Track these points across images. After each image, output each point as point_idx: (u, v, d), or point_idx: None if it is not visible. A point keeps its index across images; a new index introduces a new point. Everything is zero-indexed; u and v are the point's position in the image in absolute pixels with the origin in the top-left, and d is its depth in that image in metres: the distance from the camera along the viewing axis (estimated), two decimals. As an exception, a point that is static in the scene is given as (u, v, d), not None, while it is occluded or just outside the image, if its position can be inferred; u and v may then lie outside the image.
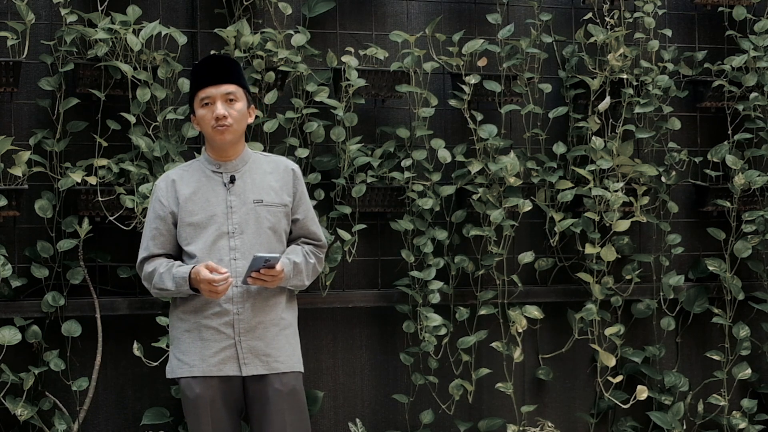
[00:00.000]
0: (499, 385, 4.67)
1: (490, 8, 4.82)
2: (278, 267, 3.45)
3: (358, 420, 4.64)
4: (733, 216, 4.91)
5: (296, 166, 3.68)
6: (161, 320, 4.26)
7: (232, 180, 3.57)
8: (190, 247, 3.54)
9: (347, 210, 4.46)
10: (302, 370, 3.63)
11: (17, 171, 4.12)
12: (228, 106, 3.52)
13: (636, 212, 4.75)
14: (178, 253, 3.62)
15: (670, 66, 4.85)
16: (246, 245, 3.53)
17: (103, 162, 4.25)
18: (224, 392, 3.52)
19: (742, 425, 4.90)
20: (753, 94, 4.85)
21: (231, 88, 3.53)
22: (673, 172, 4.88)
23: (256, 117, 4.29)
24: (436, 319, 4.49)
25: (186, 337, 3.55)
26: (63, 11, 4.18)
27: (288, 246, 3.66)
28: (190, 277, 3.46)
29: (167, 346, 4.27)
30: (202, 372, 3.50)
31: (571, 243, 4.87)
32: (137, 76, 4.22)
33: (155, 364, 4.30)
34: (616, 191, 4.63)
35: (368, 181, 4.50)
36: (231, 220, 3.54)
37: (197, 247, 3.52)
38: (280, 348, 3.55)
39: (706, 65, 4.97)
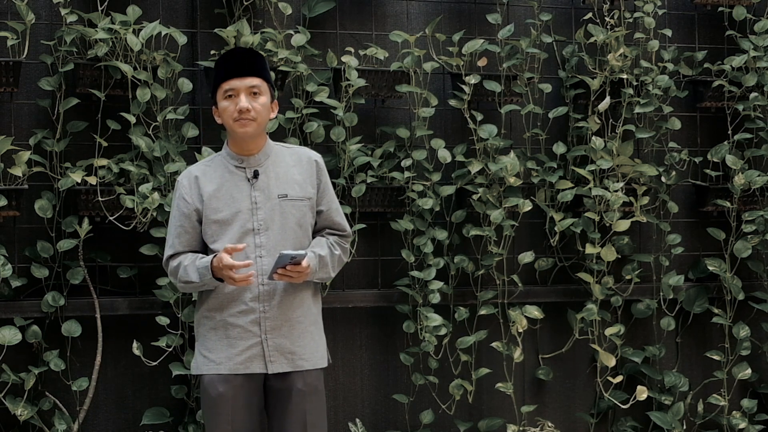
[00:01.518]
0: (499, 385, 4.67)
1: (490, 8, 4.82)
2: (304, 263, 3.42)
3: (358, 420, 4.64)
4: (733, 216, 4.91)
5: (319, 157, 3.65)
6: (161, 320, 4.26)
7: (256, 175, 3.54)
8: (216, 245, 3.51)
9: (347, 210, 4.45)
10: (326, 364, 3.63)
11: (17, 171, 4.12)
12: (252, 99, 3.48)
13: (636, 212, 4.75)
14: (204, 250, 3.58)
15: (670, 66, 4.85)
16: (272, 242, 3.50)
17: (103, 162, 4.25)
18: (247, 390, 3.51)
19: (742, 425, 4.90)
20: (753, 94, 4.85)
21: (255, 81, 3.49)
22: (673, 172, 4.88)
23: None
24: (436, 319, 4.49)
25: (212, 335, 3.54)
26: (63, 11, 4.18)
27: (313, 237, 3.64)
28: (213, 267, 3.43)
29: (167, 346, 4.27)
30: (229, 370, 3.49)
31: (571, 243, 4.87)
32: (137, 76, 4.22)
33: (155, 363, 4.31)
34: (616, 191, 4.63)
35: (368, 181, 4.50)
36: (256, 216, 3.51)
37: (223, 245, 3.48)
38: (304, 345, 3.55)
39: (706, 65, 4.97)
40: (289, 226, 3.53)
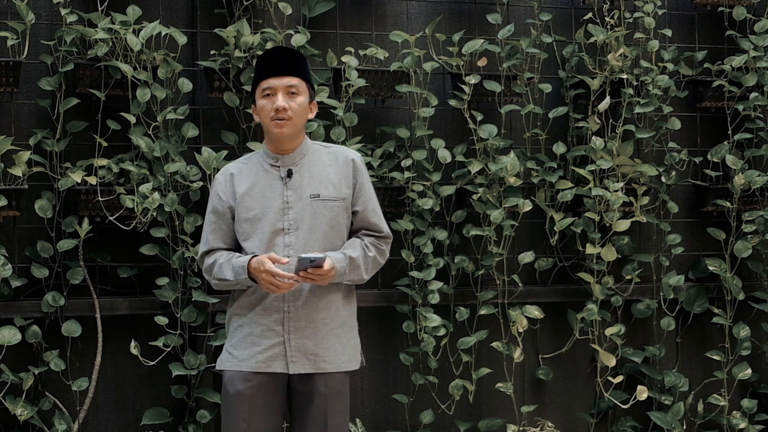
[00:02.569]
0: (499, 385, 4.67)
1: (490, 8, 4.82)
2: (326, 266, 3.39)
3: (358, 420, 4.64)
4: (733, 216, 4.91)
5: (357, 156, 3.61)
6: (160, 320, 4.26)
7: (289, 174, 3.52)
8: (247, 244, 3.51)
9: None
10: (354, 367, 3.58)
11: (17, 171, 4.12)
12: (289, 99, 3.47)
13: (636, 212, 4.75)
14: (238, 247, 3.58)
15: (670, 66, 4.85)
16: (300, 242, 3.47)
17: (103, 162, 4.25)
18: (268, 390, 3.49)
19: (742, 425, 4.90)
20: (753, 94, 4.85)
21: (294, 81, 3.48)
22: (673, 172, 4.88)
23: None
24: (435, 320, 4.49)
25: (238, 332, 3.54)
26: (63, 11, 4.19)
27: (349, 238, 3.60)
28: (250, 267, 3.43)
29: (165, 346, 4.27)
30: (250, 368, 3.48)
31: (571, 243, 4.87)
32: (137, 76, 4.22)
33: (152, 363, 4.31)
34: (616, 191, 4.63)
35: (368, 181, 4.50)
36: (287, 216, 3.49)
37: (253, 245, 3.49)
38: (328, 347, 3.51)
39: (706, 65, 4.97)
40: (320, 226, 3.50)
